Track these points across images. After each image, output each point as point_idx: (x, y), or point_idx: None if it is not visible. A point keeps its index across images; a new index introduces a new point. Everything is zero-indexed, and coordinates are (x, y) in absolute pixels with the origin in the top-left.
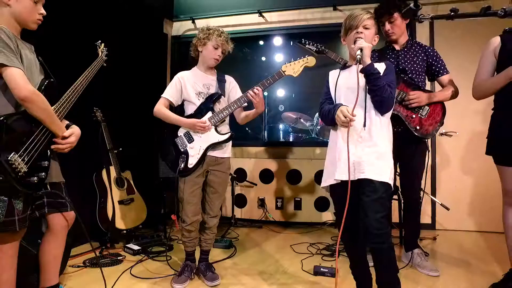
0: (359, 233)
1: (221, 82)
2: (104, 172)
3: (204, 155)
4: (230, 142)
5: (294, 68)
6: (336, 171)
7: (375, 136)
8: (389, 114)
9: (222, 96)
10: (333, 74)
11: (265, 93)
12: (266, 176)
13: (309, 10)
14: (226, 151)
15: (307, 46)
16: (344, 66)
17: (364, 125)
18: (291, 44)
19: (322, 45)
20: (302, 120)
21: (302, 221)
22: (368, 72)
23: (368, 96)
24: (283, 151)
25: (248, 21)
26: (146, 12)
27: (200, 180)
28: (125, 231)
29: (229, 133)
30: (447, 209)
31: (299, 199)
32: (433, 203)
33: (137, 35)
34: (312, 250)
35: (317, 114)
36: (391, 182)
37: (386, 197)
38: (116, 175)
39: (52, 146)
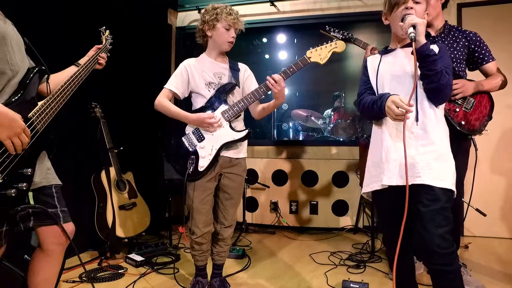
0: (408, 247)
1: (234, 70)
2: (103, 174)
3: (217, 156)
4: (246, 141)
5: (321, 54)
6: (384, 174)
7: (431, 132)
8: (443, 106)
9: (237, 87)
10: (372, 60)
11: (268, 91)
12: (279, 177)
13: None
14: (242, 151)
15: (332, 33)
16: (386, 50)
17: (417, 119)
18: (321, 30)
19: (349, 32)
20: (313, 118)
21: (318, 226)
22: (424, 54)
23: (419, 83)
24: (297, 151)
25: (259, 11)
26: (148, 2)
27: (212, 185)
28: (126, 240)
29: (246, 130)
30: (484, 215)
31: (315, 202)
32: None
33: (140, 26)
34: (334, 260)
35: (327, 111)
36: (454, 189)
37: (449, 207)
38: (117, 177)
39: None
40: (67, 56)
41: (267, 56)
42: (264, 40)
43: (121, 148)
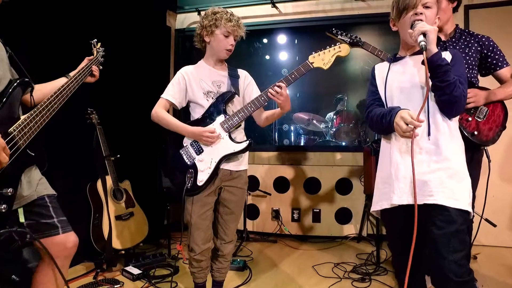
0: (420, 271)
1: (234, 78)
2: (99, 183)
3: (216, 169)
4: (247, 152)
5: (324, 59)
6: (394, 193)
7: (444, 147)
8: (457, 119)
9: (236, 95)
10: (380, 68)
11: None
12: (281, 184)
13: (328, 0)
14: (242, 162)
15: (339, 37)
16: (395, 58)
17: (429, 134)
18: (328, 33)
19: (357, 36)
20: (315, 121)
21: (321, 234)
22: (435, 64)
23: (430, 95)
24: (300, 157)
25: (260, 13)
26: (146, 3)
27: (212, 199)
28: (123, 251)
29: (247, 141)
30: (494, 225)
31: (318, 210)
32: None
33: (137, 28)
34: (339, 272)
35: (330, 114)
36: (471, 210)
37: (465, 229)
38: (113, 186)
39: None
40: (59, 64)
41: (267, 57)
42: (265, 40)
43: (118, 155)
